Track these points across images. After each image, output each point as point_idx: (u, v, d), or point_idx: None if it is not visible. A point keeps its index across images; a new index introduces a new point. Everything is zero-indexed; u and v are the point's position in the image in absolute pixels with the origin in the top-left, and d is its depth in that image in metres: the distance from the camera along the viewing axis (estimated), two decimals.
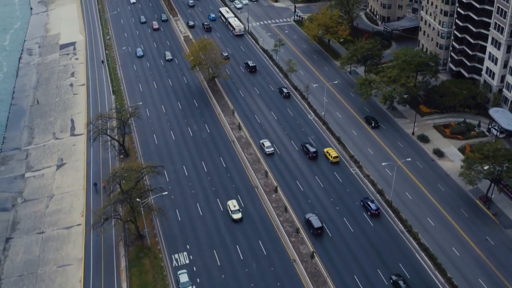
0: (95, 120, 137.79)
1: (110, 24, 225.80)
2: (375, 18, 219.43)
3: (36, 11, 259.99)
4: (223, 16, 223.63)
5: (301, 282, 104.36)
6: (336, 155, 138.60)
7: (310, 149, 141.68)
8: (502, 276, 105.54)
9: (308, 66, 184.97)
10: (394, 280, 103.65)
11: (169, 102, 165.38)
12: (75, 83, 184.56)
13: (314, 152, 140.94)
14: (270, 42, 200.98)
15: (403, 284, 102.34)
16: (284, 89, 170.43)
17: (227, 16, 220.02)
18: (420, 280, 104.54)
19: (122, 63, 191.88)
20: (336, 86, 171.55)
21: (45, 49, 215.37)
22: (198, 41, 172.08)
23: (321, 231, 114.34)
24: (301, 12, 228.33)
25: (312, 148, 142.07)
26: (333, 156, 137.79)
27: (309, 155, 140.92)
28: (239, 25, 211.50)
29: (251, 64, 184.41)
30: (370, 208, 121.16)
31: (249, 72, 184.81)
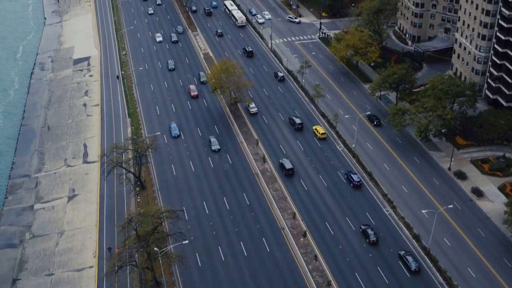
0: (109, 152, 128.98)
1: (126, 38, 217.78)
2: (404, 37, 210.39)
3: (50, 22, 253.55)
4: (227, 8, 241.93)
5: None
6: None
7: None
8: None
9: (335, 90, 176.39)
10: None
11: (188, 128, 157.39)
12: (88, 103, 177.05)
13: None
14: (294, 62, 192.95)
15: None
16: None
17: (231, 9, 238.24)
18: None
19: (138, 82, 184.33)
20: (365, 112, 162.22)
21: (58, 64, 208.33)
22: (220, 62, 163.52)
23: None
24: (326, 28, 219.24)
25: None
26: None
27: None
28: (241, 17, 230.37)
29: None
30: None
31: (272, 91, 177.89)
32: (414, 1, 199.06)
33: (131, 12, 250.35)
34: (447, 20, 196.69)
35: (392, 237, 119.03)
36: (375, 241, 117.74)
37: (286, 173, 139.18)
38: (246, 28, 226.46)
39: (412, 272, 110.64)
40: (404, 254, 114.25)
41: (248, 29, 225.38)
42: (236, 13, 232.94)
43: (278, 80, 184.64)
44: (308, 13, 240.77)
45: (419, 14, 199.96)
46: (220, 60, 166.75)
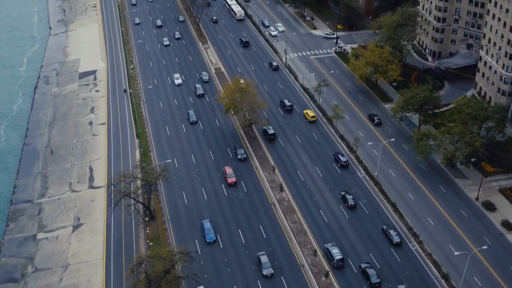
0: (117, 181, 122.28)
1: (134, 50, 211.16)
2: (424, 52, 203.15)
3: (55, 32, 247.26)
4: (227, 3, 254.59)
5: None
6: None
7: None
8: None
9: (354, 110, 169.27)
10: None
11: (199, 151, 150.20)
12: (95, 121, 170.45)
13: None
14: (310, 79, 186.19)
15: None
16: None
17: (230, 3, 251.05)
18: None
19: (146, 99, 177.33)
20: (387, 136, 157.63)
21: (63, 78, 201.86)
22: (234, 81, 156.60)
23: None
24: (342, 42, 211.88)
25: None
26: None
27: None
28: (240, 11, 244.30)
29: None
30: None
31: (286, 111, 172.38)
32: (435, 15, 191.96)
33: (139, 22, 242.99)
34: (469, 36, 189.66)
35: (419, 275, 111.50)
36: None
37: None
38: (259, 41, 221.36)
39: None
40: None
41: (261, 42, 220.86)
42: (235, 7, 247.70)
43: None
44: (322, 25, 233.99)
45: (440, 29, 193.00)
46: (234, 79, 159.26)
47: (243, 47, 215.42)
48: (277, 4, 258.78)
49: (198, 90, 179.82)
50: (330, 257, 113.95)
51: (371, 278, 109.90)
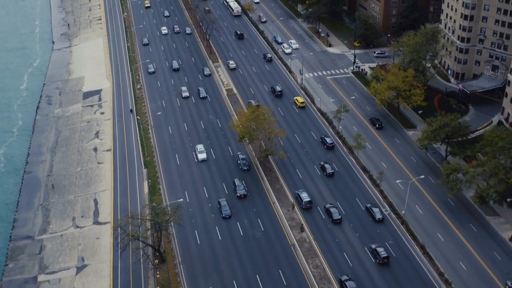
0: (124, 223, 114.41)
1: (141, 69, 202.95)
2: (446, 72, 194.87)
3: (58, 46, 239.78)
4: (226, 0, 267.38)
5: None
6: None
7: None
8: None
9: (375, 137, 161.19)
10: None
11: (212, 183, 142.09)
12: (100, 147, 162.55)
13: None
14: (328, 102, 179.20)
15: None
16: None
17: (228, 0, 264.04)
18: None
19: (155, 123, 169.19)
20: (412, 168, 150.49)
21: (66, 97, 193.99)
22: (249, 108, 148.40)
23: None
24: (359, 60, 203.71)
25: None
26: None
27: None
28: (237, 7, 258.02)
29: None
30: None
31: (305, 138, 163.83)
32: (459, 35, 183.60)
33: (146, 37, 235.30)
34: (495, 57, 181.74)
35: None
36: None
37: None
38: (273, 60, 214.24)
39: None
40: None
41: (275, 61, 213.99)
42: (232, 4, 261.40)
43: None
44: (338, 42, 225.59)
45: (464, 49, 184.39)
46: (249, 106, 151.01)
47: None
48: (290, 19, 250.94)
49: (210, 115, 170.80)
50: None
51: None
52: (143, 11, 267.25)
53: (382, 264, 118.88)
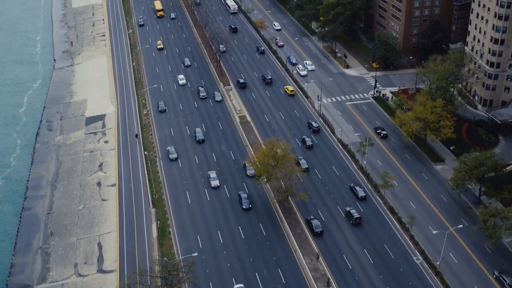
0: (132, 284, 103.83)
1: (147, 94, 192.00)
2: (473, 99, 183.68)
3: (59, 65, 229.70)
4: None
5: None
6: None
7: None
8: None
9: (401, 172, 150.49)
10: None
11: (227, 227, 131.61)
12: (103, 182, 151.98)
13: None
14: (349, 131, 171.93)
15: None
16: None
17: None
18: None
19: (163, 155, 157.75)
20: (444, 209, 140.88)
21: (68, 123, 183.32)
22: (267, 143, 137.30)
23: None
24: (379, 84, 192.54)
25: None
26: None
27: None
28: (234, 5, 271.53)
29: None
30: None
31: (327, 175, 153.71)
32: (488, 60, 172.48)
33: (152, 57, 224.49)
34: None
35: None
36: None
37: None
38: (287, 83, 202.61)
39: None
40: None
41: (289, 83, 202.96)
42: (229, 2, 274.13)
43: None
44: (356, 63, 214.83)
45: (493, 75, 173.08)
46: (267, 142, 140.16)
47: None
48: (304, 37, 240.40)
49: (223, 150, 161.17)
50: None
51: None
52: (148, 27, 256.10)
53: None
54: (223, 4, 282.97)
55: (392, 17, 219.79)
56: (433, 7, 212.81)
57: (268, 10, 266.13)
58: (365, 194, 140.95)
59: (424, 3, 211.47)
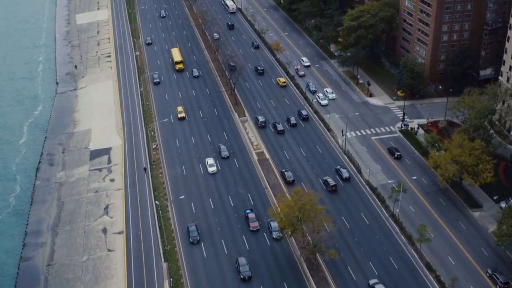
0: None
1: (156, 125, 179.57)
2: (507, 134, 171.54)
3: (62, 89, 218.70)
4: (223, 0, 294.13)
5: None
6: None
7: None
8: None
9: (436, 220, 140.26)
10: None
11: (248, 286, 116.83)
12: (110, 228, 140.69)
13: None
14: (376, 171, 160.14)
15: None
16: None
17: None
18: None
19: (174, 197, 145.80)
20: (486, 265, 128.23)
21: (70, 156, 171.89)
22: (293, 194, 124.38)
23: None
24: (407, 116, 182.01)
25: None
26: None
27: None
28: (232, 5, 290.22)
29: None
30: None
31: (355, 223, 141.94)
32: None
33: (161, 79, 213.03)
34: None
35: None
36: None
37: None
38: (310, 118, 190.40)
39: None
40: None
41: (311, 118, 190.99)
42: (228, 2, 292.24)
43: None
44: (379, 90, 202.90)
45: None
46: (293, 192, 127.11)
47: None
48: (322, 60, 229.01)
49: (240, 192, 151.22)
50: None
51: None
52: (157, 48, 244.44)
53: None
54: (222, 4, 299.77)
55: (417, 41, 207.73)
56: (462, 31, 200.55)
57: (285, 32, 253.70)
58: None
59: (453, 27, 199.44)
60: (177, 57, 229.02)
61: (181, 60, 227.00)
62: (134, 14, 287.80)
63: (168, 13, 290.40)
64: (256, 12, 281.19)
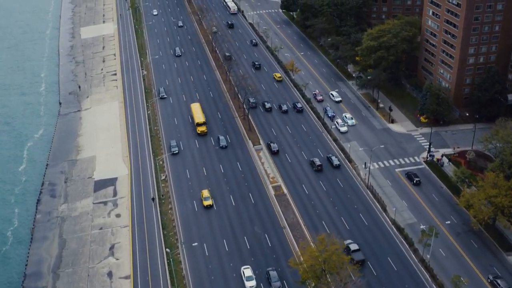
0: None
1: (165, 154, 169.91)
2: None
3: (65, 110, 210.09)
4: (224, 1, 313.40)
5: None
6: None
7: None
8: None
9: (468, 265, 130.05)
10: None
11: None
12: (116, 271, 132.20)
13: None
14: (403, 209, 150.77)
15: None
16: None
17: (226, 0, 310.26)
18: None
19: (186, 237, 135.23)
20: None
21: (73, 188, 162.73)
22: (318, 244, 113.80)
23: None
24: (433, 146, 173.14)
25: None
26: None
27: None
28: (233, 6, 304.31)
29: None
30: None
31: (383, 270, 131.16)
32: None
33: (170, 104, 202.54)
34: None
35: None
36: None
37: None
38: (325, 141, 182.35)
39: None
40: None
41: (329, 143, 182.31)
42: (229, 3, 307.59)
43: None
44: (401, 115, 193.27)
45: None
46: (317, 240, 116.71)
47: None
48: (339, 81, 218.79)
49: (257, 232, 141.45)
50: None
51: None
52: (165, 65, 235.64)
53: None
54: (223, 5, 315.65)
55: (441, 64, 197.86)
56: (489, 53, 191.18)
57: (301, 52, 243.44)
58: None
59: (479, 49, 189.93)
60: (199, 117, 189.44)
61: (204, 122, 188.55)
62: (141, 29, 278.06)
63: (177, 28, 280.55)
64: (269, 27, 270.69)
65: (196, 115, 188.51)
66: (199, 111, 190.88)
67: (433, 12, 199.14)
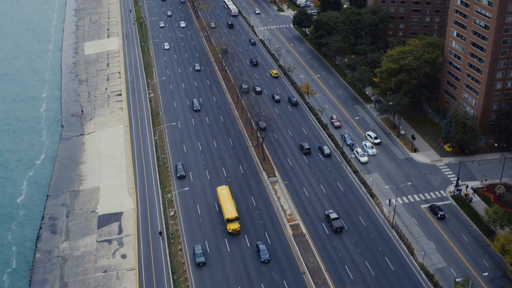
0: None
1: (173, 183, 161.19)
2: None
3: (67, 133, 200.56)
4: (226, 3, 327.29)
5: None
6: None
7: None
8: None
9: None
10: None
11: None
12: None
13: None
14: (430, 250, 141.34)
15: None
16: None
17: (227, 3, 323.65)
18: None
19: (197, 285, 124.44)
20: None
21: (76, 223, 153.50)
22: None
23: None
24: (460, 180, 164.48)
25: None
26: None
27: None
28: (235, 8, 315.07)
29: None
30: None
31: None
32: None
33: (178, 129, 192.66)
34: None
35: None
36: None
37: None
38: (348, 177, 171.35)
39: None
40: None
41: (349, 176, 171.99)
42: (230, 5, 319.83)
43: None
44: (423, 144, 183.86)
45: None
46: None
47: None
48: (356, 104, 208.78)
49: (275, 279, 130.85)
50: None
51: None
52: (172, 86, 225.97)
53: None
54: (225, 8, 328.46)
55: (466, 88, 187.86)
56: None
57: (317, 75, 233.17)
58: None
59: (507, 74, 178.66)
60: (229, 212, 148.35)
61: (236, 217, 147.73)
62: (147, 46, 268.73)
63: (184, 44, 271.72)
64: (281, 45, 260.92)
65: (226, 208, 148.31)
66: (227, 199, 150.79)
67: (458, 33, 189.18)
